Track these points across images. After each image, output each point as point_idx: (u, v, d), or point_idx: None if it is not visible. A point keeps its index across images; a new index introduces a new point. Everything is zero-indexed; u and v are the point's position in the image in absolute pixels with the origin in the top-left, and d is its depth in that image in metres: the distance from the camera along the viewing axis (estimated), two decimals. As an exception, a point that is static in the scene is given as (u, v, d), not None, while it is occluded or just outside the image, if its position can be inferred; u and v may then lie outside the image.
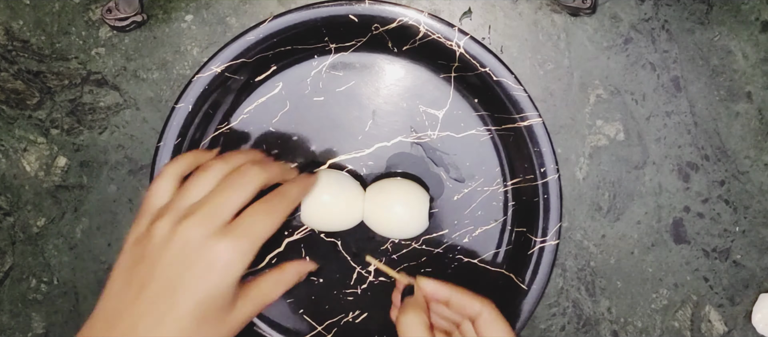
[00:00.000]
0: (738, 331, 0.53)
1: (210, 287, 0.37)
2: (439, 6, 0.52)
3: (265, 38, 0.48)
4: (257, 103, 0.51)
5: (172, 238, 0.37)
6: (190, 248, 0.37)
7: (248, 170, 0.40)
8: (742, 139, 0.52)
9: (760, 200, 0.53)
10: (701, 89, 0.52)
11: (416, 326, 0.41)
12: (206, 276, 0.37)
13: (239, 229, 0.38)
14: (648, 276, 0.53)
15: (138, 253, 0.38)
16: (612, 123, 0.52)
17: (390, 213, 0.47)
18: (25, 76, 0.53)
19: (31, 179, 0.53)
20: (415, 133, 0.51)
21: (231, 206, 0.39)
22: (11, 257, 0.54)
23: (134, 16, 0.50)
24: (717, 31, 0.52)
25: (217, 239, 0.37)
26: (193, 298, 0.37)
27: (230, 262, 0.37)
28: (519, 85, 0.48)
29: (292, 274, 0.44)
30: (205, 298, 0.37)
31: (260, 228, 0.39)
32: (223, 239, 0.37)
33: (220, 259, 0.37)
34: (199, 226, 0.38)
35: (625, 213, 0.53)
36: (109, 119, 0.53)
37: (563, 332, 0.53)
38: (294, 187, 0.43)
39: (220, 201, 0.39)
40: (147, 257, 0.38)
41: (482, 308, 0.42)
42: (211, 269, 0.37)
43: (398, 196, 0.47)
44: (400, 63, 0.51)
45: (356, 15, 0.48)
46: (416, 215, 0.47)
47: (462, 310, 0.43)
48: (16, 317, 0.54)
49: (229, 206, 0.39)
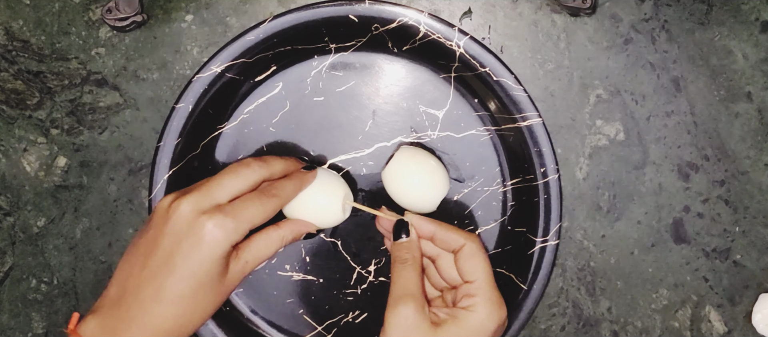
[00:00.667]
0: (738, 331, 0.53)
1: (200, 258, 0.40)
2: (439, 6, 0.52)
3: (265, 38, 0.48)
4: (257, 103, 0.51)
5: (171, 211, 0.41)
6: (183, 221, 0.41)
7: (250, 163, 0.44)
8: (742, 139, 0.52)
9: (760, 200, 0.53)
10: (701, 89, 0.52)
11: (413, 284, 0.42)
12: (196, 248, 0.40)
13: (228, 210, 0.41)
14: (648, 276, 0.53)
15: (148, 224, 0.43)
16: (612, 123, 0.52)
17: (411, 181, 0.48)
18: (25, 76, 0.53)
19: (31, 179, 0.53)
20: (415, 133, 0.51)
21: (225, 189, 0.42)
22: (11, 257, 0.54)
23: (134, 16, 0.50)
24: (717, 31, 0.52)
25: (207, 217, 0.41)
26: (187, 266, 0.40)
27: (216, 238, 0.40)
28: (519, 85, 0.48)
29: (288, 231, 0.45)
30: (197, 268, 0.40)
31: (249, 213, 0.42)
32: (211, 217, 0.41)
33: (207, 234, 0.40)
34: (193, 203, 0.41)
35: (625, 213, 0.53)
36: (109, 119, 0.53)
37: (563, 332, 0.53)
38: (289, 182, 0.45)
39: (215, 184, 0.42)
40: (152, 227, 0.42)
41: (465, 241, 0.43)
42: (200, 243, 0.40)
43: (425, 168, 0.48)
44: (400, 63, 0.51)
45: (356, 15, 0.48)
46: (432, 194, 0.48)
47: (446, 245, 0.44)
48: (16, 317, 0.54)
49: (222, 189, 0.42)
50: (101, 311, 0.40)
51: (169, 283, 0.40)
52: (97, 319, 0.40)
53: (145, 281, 0.40)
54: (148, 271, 0.40)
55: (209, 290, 0.41)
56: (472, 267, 0.42)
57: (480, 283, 0.42)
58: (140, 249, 0.42)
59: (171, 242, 0.41)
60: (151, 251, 0.41)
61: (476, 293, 0.42)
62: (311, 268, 0.51)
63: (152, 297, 0.40)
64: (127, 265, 0.42)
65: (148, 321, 0.40)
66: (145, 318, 0.40)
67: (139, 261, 0.41)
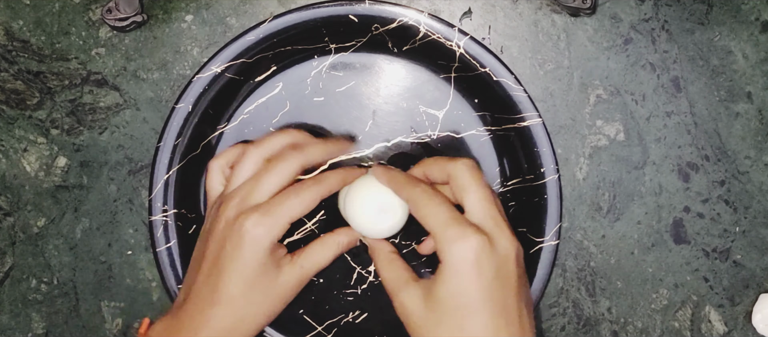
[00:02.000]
0: (738, 331, 0.53)
1: (243, 258, 0.41)
2: (439, 6, 0.52)
3: (265, 38, 0.48)
4: (257, 103, 0.51)
5: (216, 219, 0.43)
6: (226, 225, 0.42)
7: (286, 156, 0.44)
8: (742, 140, 0.52)
9: (760, 200, 0.53)
10: (701, 89, 0.52)
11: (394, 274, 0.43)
12: (238, 249, 0.41)
13: (267, 207, 0.42)
14: (648, 276, 0.53)
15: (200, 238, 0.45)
16: (612, 123, 0.52)
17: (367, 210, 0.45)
18: (25, 77, 0.53)
19: (31, 179, 0.53)
20: (415, 133, 0.51)
21: (264, 189, 0.43)
22: (11, 257, 0.54)
23: (134, 16, 0.50)
24: (717, 31, 0.52)
25: (246, 216, 0.42)
26: (234, 268, 0.42)
27: (256, 236, 0.41)
28: (519, 85, 0.48)
29: (345, 236, 0.46)
30: (244, 268, 0.41)
31: (288, 208, 0.42)
32: (250, 216, 0.41)
33: (247, 233, 0.41)
34: (234, 207, 0.43)
35: (625, 213, 0.53)
36: (109, 119, 0.53)
37: (563, 332, 0.53)
38: (333, 176, 0.45)
39: (253, 185, 0.43)
40: (202, 240, 0.45)
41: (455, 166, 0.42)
42: (242, 243, 0.41)
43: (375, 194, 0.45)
44: (400, 63, 0.51)
45: (356, 15, 0.48)
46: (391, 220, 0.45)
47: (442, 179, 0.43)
48: (16, 317, 0.54)
49: (261, 189, 0.43)
50: (168, 315, 0.43)
51: (221, 284, 0.42)
52: (164, 323, 0.43)
53: (201, 285, 0.42)
54: (202, 275, 0.43)
55: (261, 289, 0.42)
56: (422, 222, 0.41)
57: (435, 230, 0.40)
58: (197, 255, 0.44)
59: (217, 246, 0.42)
60: (204, 255, 0.43)
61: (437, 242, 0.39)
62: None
63: (207, 299, 0.42)
64: (191, 271, 0.44)
65: (206, 322, 0.42)
66: (203, 320, 0.42)
67: (196, 266, 0.44)
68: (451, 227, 0.39)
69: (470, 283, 0.38)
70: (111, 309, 0.54)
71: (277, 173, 0.43)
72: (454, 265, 0.38)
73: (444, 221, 0.39)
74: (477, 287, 0.38)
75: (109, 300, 0.54)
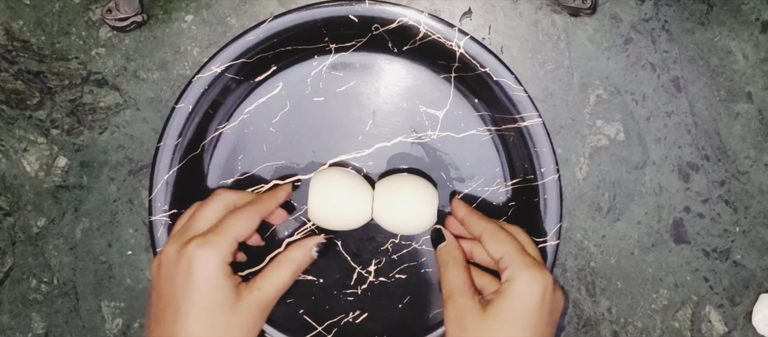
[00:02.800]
0: (738, 331, 0.53)
1: (198, 284, 0.40)
2: (439, 6, 0.52)
3: (265, 38, 0.48)
4: (257, 103, 0.51)
5: (160, 262, 0.42)
6: (170, 262, 0.41)
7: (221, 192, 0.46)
8: (742, 140, 0.52)
9: (760, 200, 0.53)
10: (701, 89, 0.52)
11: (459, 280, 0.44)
12: (191, 275, 0.40)
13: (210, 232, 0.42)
14: (648, 276, 0.53)
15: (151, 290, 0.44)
16: (612, 123, 0.52)
17: (400, 209, 0.46)
18: (25, 77, 0.53)
19: (31, 179, 0.53)
20: (415, 133, 0.51)
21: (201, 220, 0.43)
22: (11, 257, 0.54)
23: (134, 16, 0.50)
24: (717, 31, 0.52)
25: (188, 245, 0.41)
26: (191, 301, 0.40)
27: (204, 259, 0.40)
28: (519, 85, 0.48)
29: (298, 253, 0.45)
30: (200, 298, 0.40)
31: (229, 225, 0.42)
32: (192, 242, 0.41)
33: (195, 256, 0.40)
34: (174, 242, 0.42)
35: (625, 213, 0.53)
36: (109, 119, 0.53)
37: (563, 332, 0.53)
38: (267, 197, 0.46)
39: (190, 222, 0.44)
40: (152, 285, 0.43)
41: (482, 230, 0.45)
42: (192, 268, 0.40)
43: (409, 191, 0.47)
44: (400, 63, 0.51)
45: (356, 15, 0.48)
46: (427, 211, 0.46)
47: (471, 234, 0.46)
48: (16, 317, 0.54)
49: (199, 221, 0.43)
50: None
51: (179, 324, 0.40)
52: None
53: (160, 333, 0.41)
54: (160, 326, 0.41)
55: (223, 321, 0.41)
56: (494, 247, 0.44)
57: (509, 255, 0.43)
58: (152, 309, 0.43)
59: (169, 285, 0.41)
60: (155, 302, 0.42)
61: (508, 264, 0.43)
62: (311, 268, 0.51)
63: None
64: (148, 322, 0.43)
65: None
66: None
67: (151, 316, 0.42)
68: (526, 256, 0.43)
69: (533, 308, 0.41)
70: (111, 309, 0.54)
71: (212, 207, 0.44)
72: (523, 285, 0.42)
73: (518, 249, 0.43)
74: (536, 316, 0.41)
75: (109, 300, 0.54)
